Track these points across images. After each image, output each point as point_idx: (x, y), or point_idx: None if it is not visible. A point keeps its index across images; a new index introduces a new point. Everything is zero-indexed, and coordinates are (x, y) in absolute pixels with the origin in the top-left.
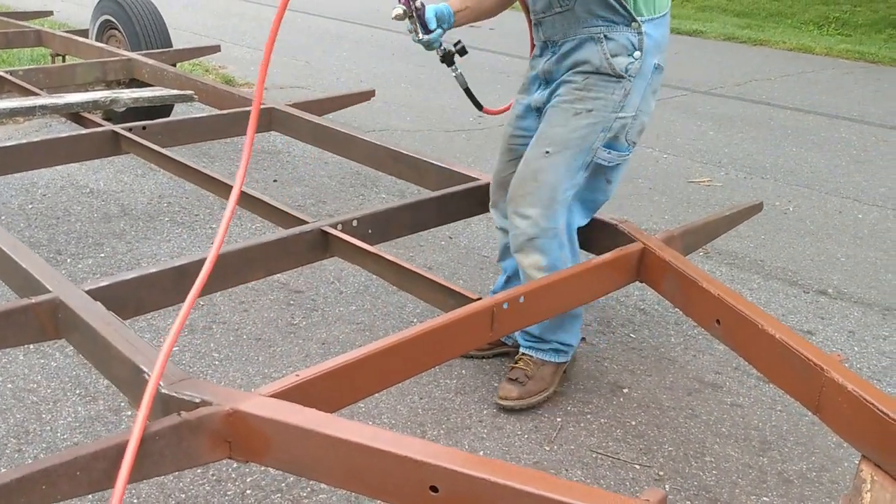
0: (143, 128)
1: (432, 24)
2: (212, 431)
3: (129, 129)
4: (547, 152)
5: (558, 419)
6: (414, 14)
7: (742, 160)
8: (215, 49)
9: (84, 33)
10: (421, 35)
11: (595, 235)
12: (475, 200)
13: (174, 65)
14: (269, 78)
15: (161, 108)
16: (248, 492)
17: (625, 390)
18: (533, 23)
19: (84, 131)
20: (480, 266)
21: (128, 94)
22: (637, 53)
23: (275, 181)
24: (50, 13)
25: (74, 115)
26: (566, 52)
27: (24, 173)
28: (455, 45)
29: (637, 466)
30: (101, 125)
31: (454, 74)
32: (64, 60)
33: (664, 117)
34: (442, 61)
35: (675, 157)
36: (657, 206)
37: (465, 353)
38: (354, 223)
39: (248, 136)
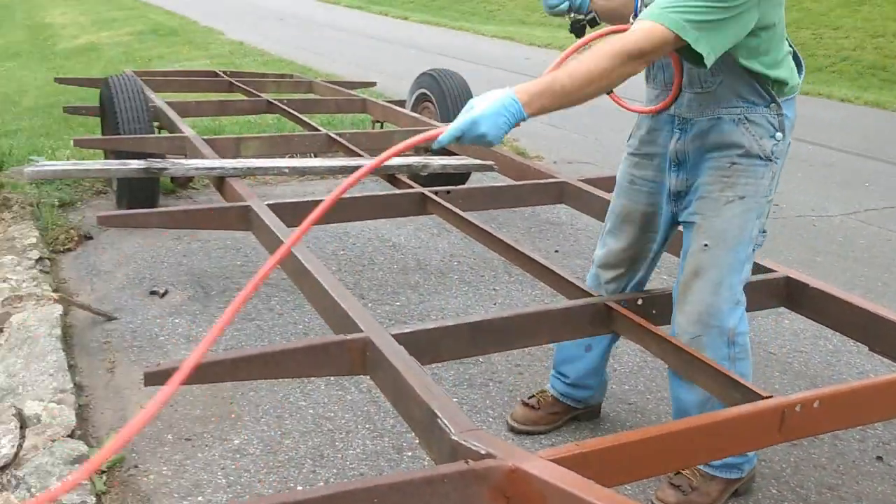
0: (448, 192)
1: None
2: (494, 484)
3: (436, 193)
4: (706, 245)
5: None
6: None
7: None
8: None
9: (401, 103)
10: None
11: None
12: (767, 293)
13: None
14: (557, 152)
15: (457, 175)
16: None
17: None
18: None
19: (396, 191)
20: (766, 362)
21: (437, 161)
22: (779, 135)
23: (556, 251)
24: (373, 84)
25: (390, 176)
26: (700, 132)
27: (340, 224)
28: (586, 14)
29: None
30: (412, 186)
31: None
32: (381, 126)
33: None
34: (571, 31)
35: None
36: None
37: (747, 451)
38: (639, 301)
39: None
